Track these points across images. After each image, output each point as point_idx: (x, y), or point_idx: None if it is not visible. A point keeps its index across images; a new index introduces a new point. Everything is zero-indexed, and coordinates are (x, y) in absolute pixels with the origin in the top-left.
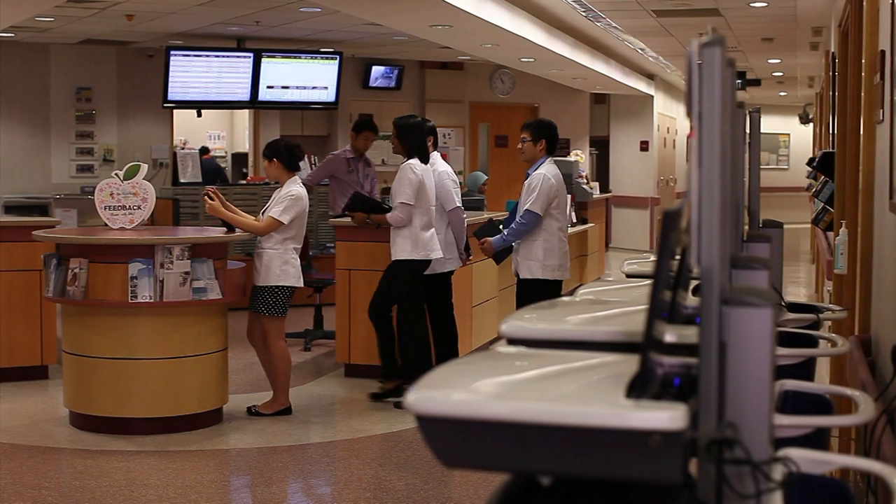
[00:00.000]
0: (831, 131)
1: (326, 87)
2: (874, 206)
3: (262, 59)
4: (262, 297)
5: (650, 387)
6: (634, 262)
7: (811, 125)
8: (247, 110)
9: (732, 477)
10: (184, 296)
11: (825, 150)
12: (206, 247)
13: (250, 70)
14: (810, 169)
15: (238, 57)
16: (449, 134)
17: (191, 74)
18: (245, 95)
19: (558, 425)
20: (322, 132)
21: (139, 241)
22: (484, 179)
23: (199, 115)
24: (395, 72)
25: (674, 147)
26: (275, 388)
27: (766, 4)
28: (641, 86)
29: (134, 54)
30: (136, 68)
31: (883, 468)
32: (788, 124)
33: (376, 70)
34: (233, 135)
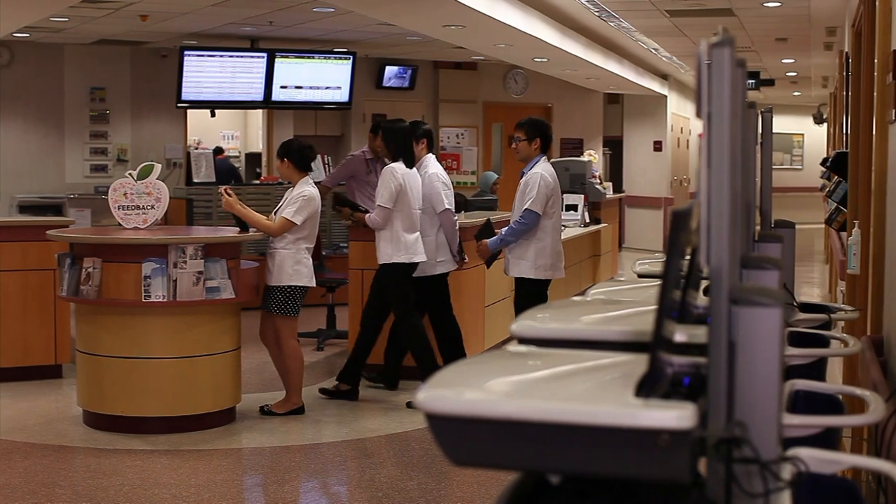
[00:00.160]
0: (845, 131)
1: (340, 87)
2: (887, 206)
3: (276, 59)
4: (274, 297)
5: (659, 386)
6: (646, 262)
7: (825, 125)
8: (260, 110)
9: (741, 476)
10: (197, 295)
11: (838, 151)
12: (220, 246)
13: (264, 70)
14: (824, 169)
15: (252, 57)
16: (462, 134)
17: (204, 74)
18: (258, 95)
19: (567, 424)
20: (335, 132)
21: (153, 241)
22: (495, 179)
23: (213, 115)
24: (409, 72)
25: (687, 147)
26: (287, 388)
27: (779, 4)
28: (655, 86)
29: (148, 54)
30: (150, 68)
31: (892, 468)
32: (802, 124)
33: (390, 70)
34: (246, 135)
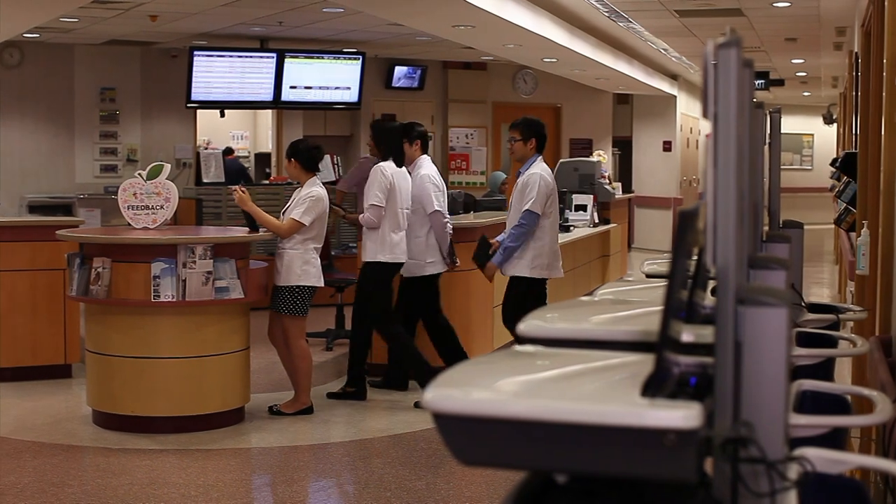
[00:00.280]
0: (855, 132)
1: (349, 88)
2: (895, 206)
3: (286, 60)
4: (282, 297)
5: (666, 386)
6: (654, 263)
7: (835, 125)
8: (270, 110)
9: (747, 476)
10: (206, 295)
11: (848, 151)
12: (229, 246)
13: (273, 70)
14: (833, 169)
15: (261, 57)
16: (471, 134)
17: (214, 75)
18: (268, 96)
19: (574, 424)
20: (345, 132)
21: (162, 241)
22: (503, 178)
23: (223, 115)
24: (418, 72)
25: (696, 147)
26: (296, 388)
27: (789, 4)
28: (664, 86)
29: (158, 55)
30: (160, 69)
31: None
32: (812, 125)
33: (399, 70)
34: (256, 135)
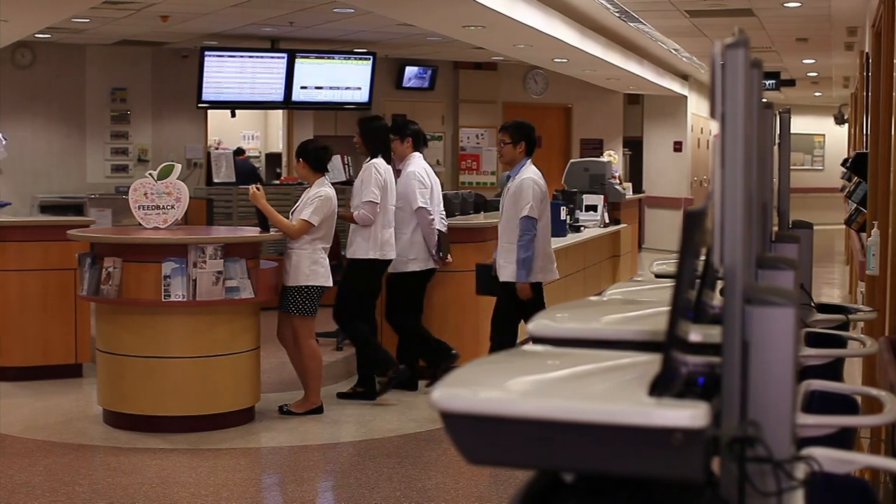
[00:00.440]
0: (865, 132)
1: (360, 88)
2: None
3: (296, 60)
4: (291, 297)
5: (673, 385)
6: (664, 263)
7: (846, 126)
8: (280, 111)
9: (754, 475)
10: (216, 295)
11: (858, 151)
12: (239, 246)
13: (284, 70)
14: (844, 170)
15: (272, 57)
16: (482, 134)
17: (225, 75)
18: (279, 96)
19: (582, 423)
20: (355, 132)
21: (172, 241)
22: None
23: (233, 115)
24: (429, 72)
25: (707, 148)
26: (306, 388)
27: (799, 4)
28: (675, 86)
29: (168, 55)
30: (171, 69)
31: None
32: (823, 125)
33: (410, 70)
34: (266, 135)
